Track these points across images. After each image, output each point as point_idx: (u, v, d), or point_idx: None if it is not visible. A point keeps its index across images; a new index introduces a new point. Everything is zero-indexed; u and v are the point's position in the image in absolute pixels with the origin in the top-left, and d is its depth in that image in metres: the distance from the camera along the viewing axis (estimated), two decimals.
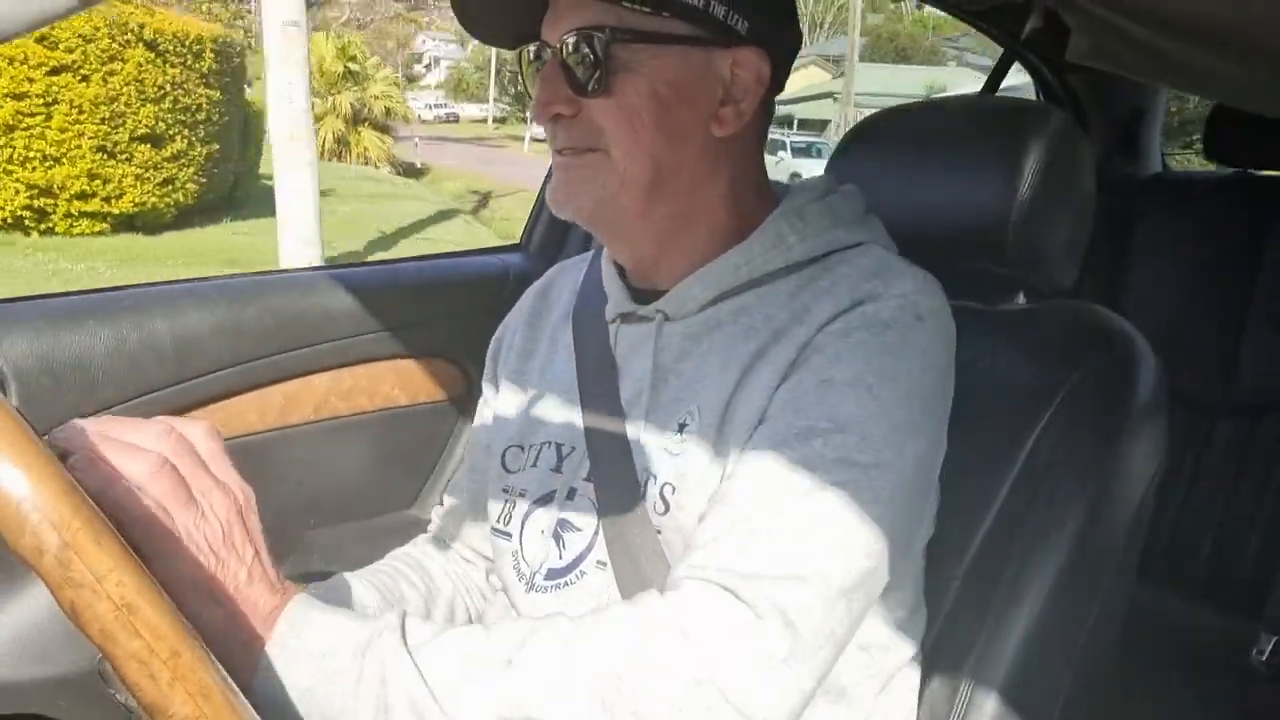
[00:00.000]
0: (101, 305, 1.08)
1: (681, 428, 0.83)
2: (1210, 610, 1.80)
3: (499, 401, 1.01)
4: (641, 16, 0.80)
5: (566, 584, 0.86)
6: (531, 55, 0.87)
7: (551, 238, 1.59)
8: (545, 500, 0.89)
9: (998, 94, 2.27)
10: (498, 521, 0.93)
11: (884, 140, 1.11)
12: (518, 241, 1.65)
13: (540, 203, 1.63)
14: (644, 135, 0.82)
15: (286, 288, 1.29)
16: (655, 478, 0.83)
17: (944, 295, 0.85)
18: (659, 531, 0.82)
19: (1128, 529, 0.93)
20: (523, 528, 0.90)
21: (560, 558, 0.86)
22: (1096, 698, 0.94)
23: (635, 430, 0.85)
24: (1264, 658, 1.61)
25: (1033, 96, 2.23)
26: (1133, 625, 1.00)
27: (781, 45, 0.88)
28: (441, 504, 1.06)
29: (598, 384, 0.90)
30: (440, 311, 1.08)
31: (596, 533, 0.85)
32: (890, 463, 0.75)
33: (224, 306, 1.13)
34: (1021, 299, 1.03)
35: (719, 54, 0.83)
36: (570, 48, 0.81)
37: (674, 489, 0.81)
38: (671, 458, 0.82)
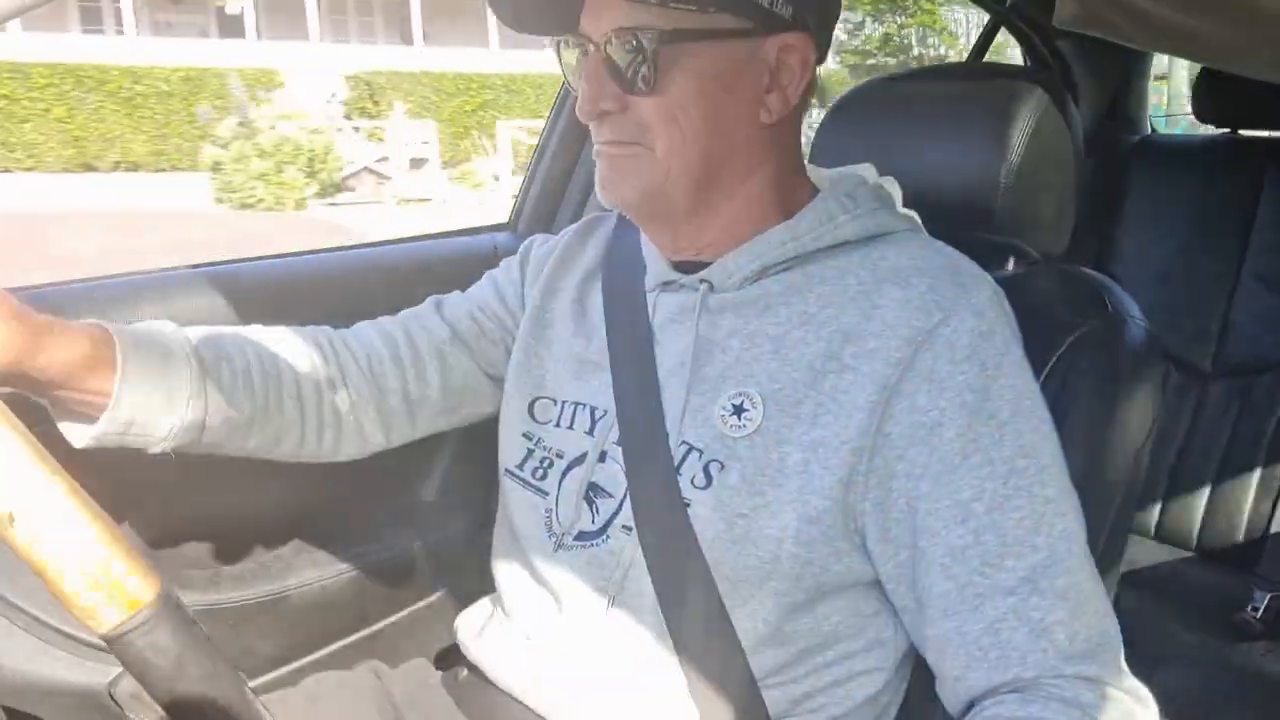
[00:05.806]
0: (91, 294, 1.07)
1: (739, 411, 0.83)
2: (1204, 569, 1.82)
3: (523, 343, 1.00)
4: (688, 15, 0.79)
5: (594, 545, 0.88)
6: (572, 44, 0.86)
7: (539, 216, 1.59)
8: (579, 461, 0.91)
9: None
10: (523, 471, 0.95)
11: (871, 110, 1.11)
12: (506, 220, 1.65)
13: (528, 181, 1.62)
14: (690, 132, 0.82)
15: (273, 273, 1.29)
16: (700, 452, 0.83)
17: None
18: (688, 503, 0.82)
19: (1123, 489, 0.93)
20: (559, 488, 0.91)
21: (593, 522, 0.88)
22: None
23: (674, 400, 0.86)
24: (1258, 614, 1.63)
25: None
26: (1128, 584, 1.01)
27: (824, 25, 0.88)
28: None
29: (632, 351, 0.91)
30: (429, 291, 1.08)
31: (625, 497, 0.86)
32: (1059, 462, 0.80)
33: (211, 293, 1.13)
34: (1012, 265, 1.03)
35: (765, 41, 0.83)
36: (616, 46, 0.81)
37: (722, 467, 0.82)
38: (724, 437, 0.83)
